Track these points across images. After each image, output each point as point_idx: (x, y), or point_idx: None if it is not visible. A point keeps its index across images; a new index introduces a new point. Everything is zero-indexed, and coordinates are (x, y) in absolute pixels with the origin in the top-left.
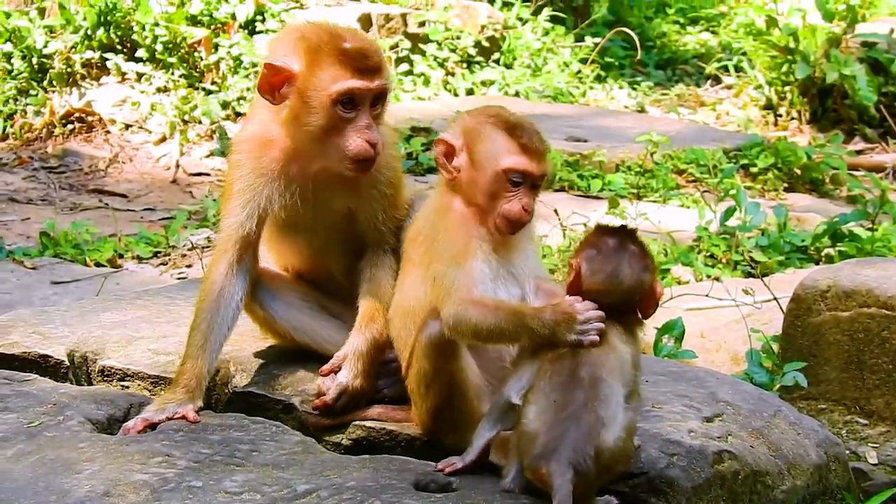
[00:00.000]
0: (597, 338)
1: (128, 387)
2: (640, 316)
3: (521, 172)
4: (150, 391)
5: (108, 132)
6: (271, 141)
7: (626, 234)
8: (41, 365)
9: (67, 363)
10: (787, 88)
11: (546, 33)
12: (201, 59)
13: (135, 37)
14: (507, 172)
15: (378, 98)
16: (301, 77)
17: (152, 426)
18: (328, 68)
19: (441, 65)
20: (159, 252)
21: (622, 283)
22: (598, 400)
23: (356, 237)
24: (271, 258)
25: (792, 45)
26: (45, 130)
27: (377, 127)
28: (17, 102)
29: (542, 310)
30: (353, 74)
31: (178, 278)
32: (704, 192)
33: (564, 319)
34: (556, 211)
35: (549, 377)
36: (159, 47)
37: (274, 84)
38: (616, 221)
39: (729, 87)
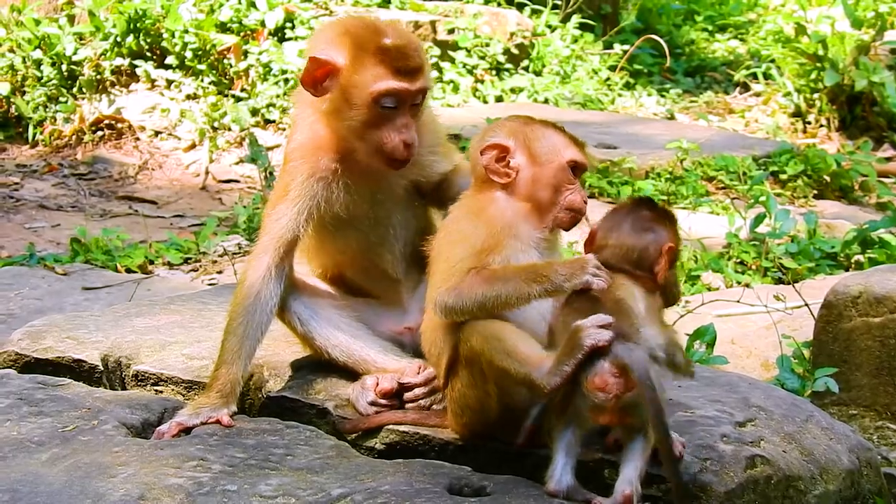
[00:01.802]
0: (604, 283)
1: (161, 391)
2: (655, 277)
3: (580, 164)
4: (183, 396)
5: (137, 139)
6: (323, 145)
7: (642, 202)
8: (75, 369)
9: (101, 368)
10: (815, 96)
11: (575, 40)
12: (231, 66)
13: (164, 44)
14: (570, 164)
15: (418, 97)
16: (344, 72)
17: (186, 430)
18: (371, 67)
19: (470, 72)
20: (190, 258)
21: (624, 242)
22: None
23: (421, 213)
24: (308, 264)
25: (821, 52)
26: (74, 137)
27: (415, 123)
28: (47, 109)
29: (553, 262)
30: (394, 75)
31: (209, 284)
32: (734, 198)
33: (578, 264)
34: (586, 218)
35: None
36: (189, 54)
37: (317, 77)
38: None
39: (758, 95)
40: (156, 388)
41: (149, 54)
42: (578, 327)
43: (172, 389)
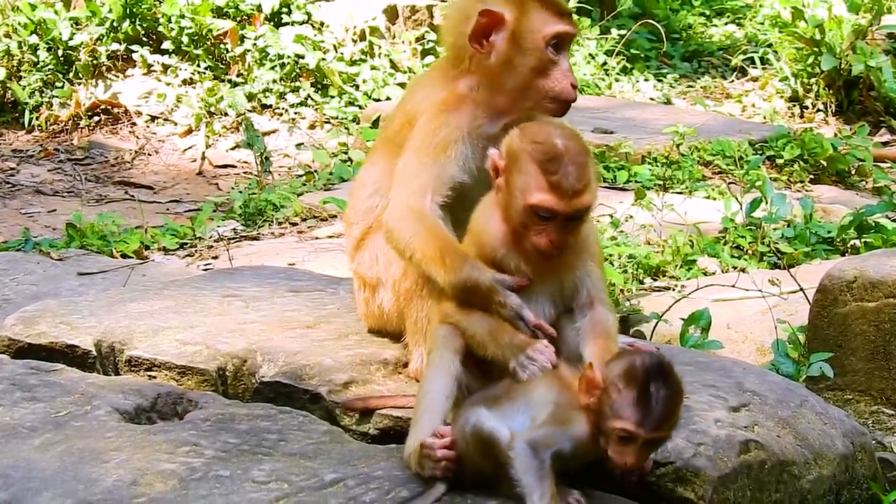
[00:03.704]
0: (526, 377)
1: (155, 377)
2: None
3: (549, 210)
4: (177, 381)
5: (133, 124)
6: (466, 102)
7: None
8: (68, 355)
9: (95, 353)
10: (812, 80)
11: None
12: (227, 51)
13: (160, 29)
14: (533, 208)
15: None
16: (514, 21)
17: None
18: (540, 12)
19: None
20: (185, 244)
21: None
22: None
23: None
24: None
25: (818, 37)
26: (70, 122)
27: None
28: (43, 94)
29: (506, 330)
30: (561, 19)
31: (205, 269)
32: (730, 183)
33: (522, 345)
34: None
35: None
36: (185, 39)
37: (487, 29)
38: (643, 214)
39: (755, 79)
40: (149, 373)
41: (145, 39)
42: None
43: (166, 375)
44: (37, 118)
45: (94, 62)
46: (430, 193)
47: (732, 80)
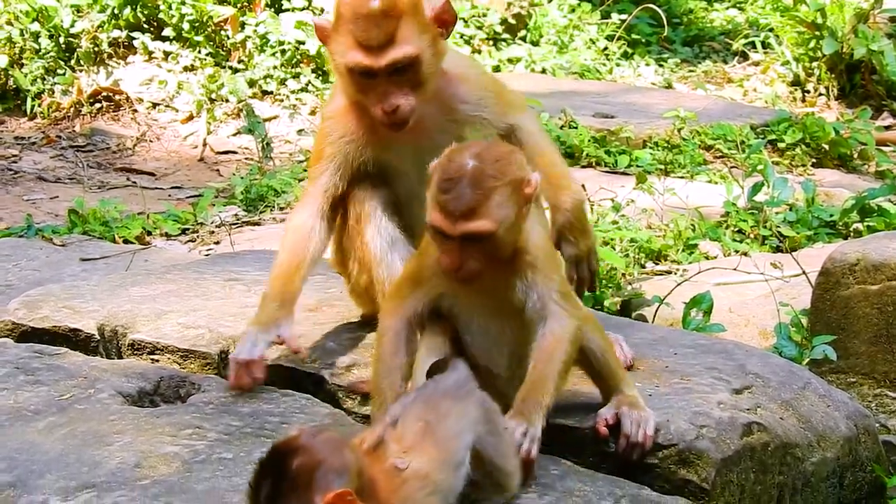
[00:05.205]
0: None
1: (158, 360)
2: None
3: (438, 229)
4: (179, 364)
5: (135, 111)
6: (353, 110)
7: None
8: (71, 339)
9: (98, 337)
10: (814, 64)
11: (572, 10)
12: (228, 38)
13: (161, 15)
14: (429, 225)
15: (392, 69)
16: (330, 40)
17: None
18: (344, 36)
19: (468, 42)
20: (187, 229)
21: None
22: None
23: None
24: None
25: (819, 20)
26: (72, 109)
27: (409, 87)
28: (45, 82)
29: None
30: (360, 49)
31: (206, 254)
32: (732, 167)
33: None
34: (583, 186)
35: None
36: (186, 26)
37: (322, 41)
38: (644, 198)
39: (756, 64)
40: (152, 356)
41: (146, 26)
42: None
43: (168, 358)
44: (39, 105)
45: (96, 49)
46: (310, 204)
47: (734, 65)
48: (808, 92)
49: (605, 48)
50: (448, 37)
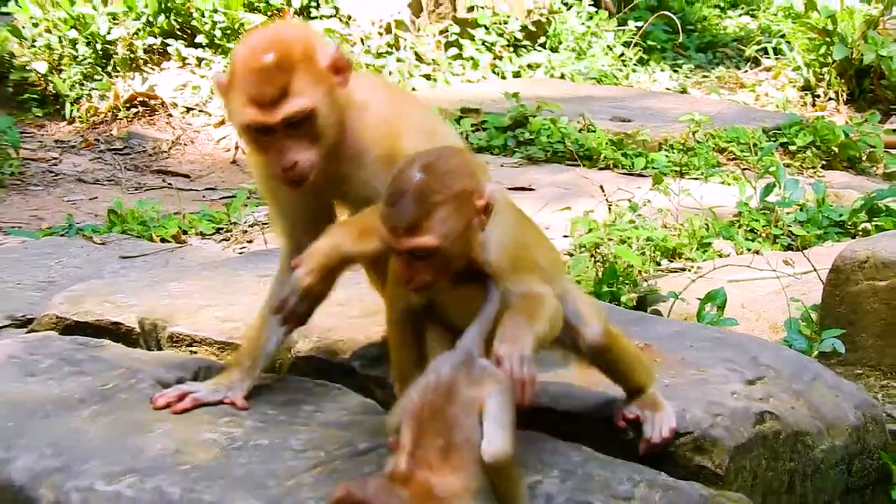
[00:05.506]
0: None
1: (196, 352)
2: None
3: (385, 243)
4: (217, 356)
5: (170, 115)
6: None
7: None
8: (113, 332)
9: (138, 330)
10: (824, 70)
11: (590, 17)
12: None
13: (194, 23)
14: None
15: (293, 124)
16: (226, 96)
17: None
18: (237, 93)
19: (489, 48)
20: (221, 228)
21: None
22: None
23: None
24: None
25: (830, 27)
26: (110, 114)
27: (310, 143)
28: (83, 87)
29: None
30: (252, 105)
31: (240, 253)
32: (745, 169)
33: None
34: (602, 187)
35: None
36: (218, 33)
37: (221, 97)
38: (660, 199)
39: (768, 69)
40: (190, 348)
41: (179, 33)
42: None
43: (206, 350)
44: (77, 110)
45: (132, 56)
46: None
47: (746, 71)
48: (819, 96)
49: (622, 54)
50: (346, 84)
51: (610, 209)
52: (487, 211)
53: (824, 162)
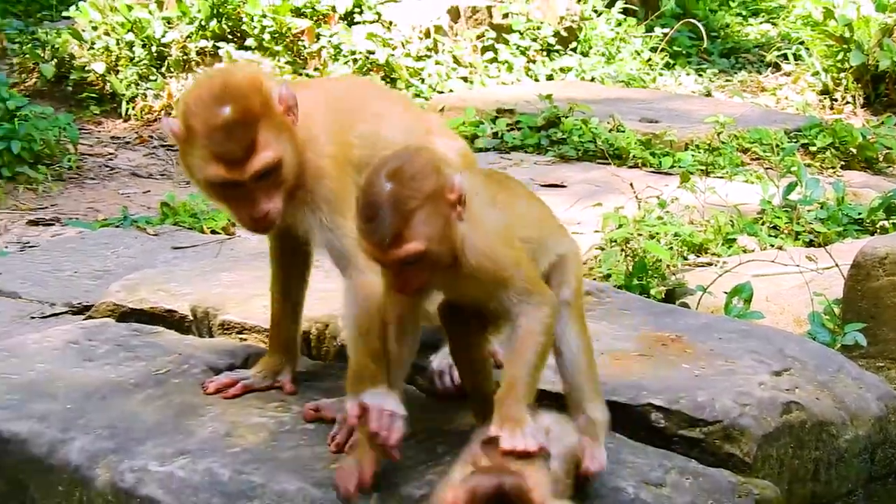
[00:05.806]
0: None
1: (245, 339)
2: None
3: (370, 257)
4: (265, 343)
5: None
6: None
7: None
8: (167, 319)
9: (191, 317)
10: (842, 75)
11: (619, 24)
12: (305, 48)
13: (244, 27)
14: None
15: (256, 177)
16: (182, 149)
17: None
18: (199, 150)
19: (523, 53)
20: None
21: None
22: None
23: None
24: None
25: (847, 34)
26: (163, 112)
27: (275, 190)
28: (139, 87)
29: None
30: (218, 163)
31: None
32: (767, 168)
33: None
34: (631, 185)
35: None
36: (266, 37)
37: (175, 143)
38: (687, 196)
39: (788, 74)
40: (240, 335)
41: (230, 37)
42: None
43: (255, 337)
44: (132, 108)
45: (185, 58)
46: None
47: (767, 75)
48: (836, 100)
49: (649, 59)
50: (297, 121)
51: (639, 206)
52: (462, 201)
53: (843, 162)
